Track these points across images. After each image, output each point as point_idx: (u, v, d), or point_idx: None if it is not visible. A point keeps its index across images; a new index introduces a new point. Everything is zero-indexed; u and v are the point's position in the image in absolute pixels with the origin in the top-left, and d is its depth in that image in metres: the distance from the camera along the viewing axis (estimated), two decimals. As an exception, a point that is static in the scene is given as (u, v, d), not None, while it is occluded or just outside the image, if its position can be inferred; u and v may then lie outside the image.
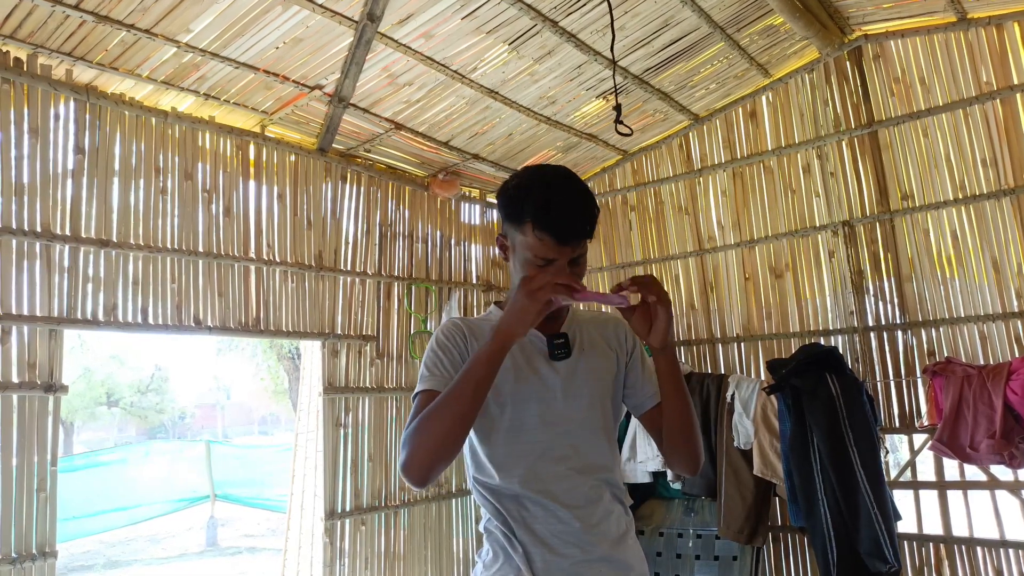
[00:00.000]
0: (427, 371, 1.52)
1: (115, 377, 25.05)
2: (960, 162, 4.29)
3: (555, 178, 1.48)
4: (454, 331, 1.56)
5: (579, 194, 1.46)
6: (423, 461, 1.38)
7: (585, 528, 1.49)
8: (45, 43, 3.23)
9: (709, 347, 5.12)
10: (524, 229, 1.46)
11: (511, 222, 1.50)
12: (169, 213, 3.75)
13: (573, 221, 1.43)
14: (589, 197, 1.48)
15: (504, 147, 5.05)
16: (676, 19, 4.13)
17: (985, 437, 3.78)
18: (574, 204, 1.45)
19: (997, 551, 4.03)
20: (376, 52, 3.81)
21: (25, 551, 3.09)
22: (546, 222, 1.42)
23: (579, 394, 1.55)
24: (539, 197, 1.44)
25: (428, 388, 1.48)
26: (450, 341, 1.54)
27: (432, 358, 1.53)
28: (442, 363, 1.51)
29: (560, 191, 1.45)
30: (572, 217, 1.43)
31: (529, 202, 1.44)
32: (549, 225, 1.42)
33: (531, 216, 1.43)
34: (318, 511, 4.37)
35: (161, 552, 10.62)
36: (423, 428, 1.39)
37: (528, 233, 1.45)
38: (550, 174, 1.50)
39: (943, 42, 4.35)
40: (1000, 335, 4.09)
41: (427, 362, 1.54)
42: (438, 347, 1.54)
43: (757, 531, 4.36)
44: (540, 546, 1.48)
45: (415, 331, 4.92)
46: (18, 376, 3.16)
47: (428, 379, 1.50)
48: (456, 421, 1.38)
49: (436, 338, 1.56)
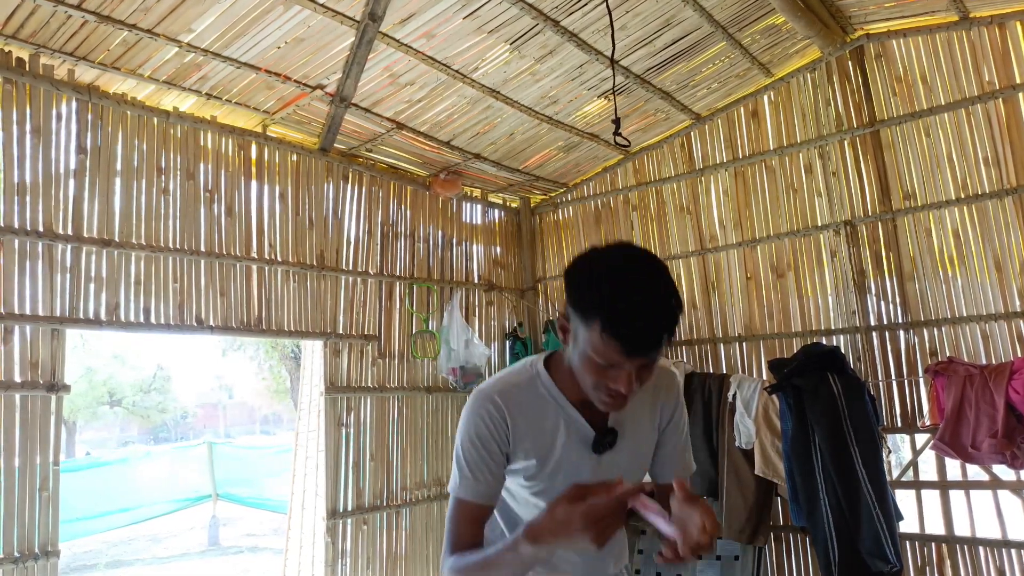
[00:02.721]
0: (468, 471, 1.42)
1: (117, 377, 25.10)
2: (962, 161, 4.29)
3: (634, 275, 1.26)
4: (494, 416, 1.42)
5: (659, 300, 1.25)
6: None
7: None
8: (47, 43, 3.23)
9: (711, 346, 5.11)
10: (592, 326, 1.25)
11: (577, 312, 1.29)
12: (171, 213, 3.76)
13: (648, 333, 1.24)
14: (669, 302, 1.26)
15: (506, 147, 5.05)
16: (677, 18, 4.12)
17: (987, 437, 3.78)
18: (651, 312, 1.24)
19: (999, 551, 4.02)
20: (378, 52, 3.81)
21: (28, 550, 3.10)
22: (617, 328, 1.22)
23: (616, 470, 1.47)
24: (612, 297, 1.23)
25: (468, 499, 1.42)
26: (490, 432, 1.41)
27: (472, 455, 1.42)
28: (484, 464, 1.41)
29: (637, 293, 1.23)
30: (647, 328, 1.23)
31: (603, 304, 1.23)
32: (619, 332, 1.22)
33: (599, 317, 1.23)
34: (320, 511, 4.37)
35: (163, 551, 10.64)
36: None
37: (594, 331, 1.25)
38: (629, 273, 1.26)
39: (945, 41, 4.35)
40: (1002, 334, 4.08)
41: (466, 457, 1.42)
42: (478, 440, 1.42)
43: (759, 531, 4.36)
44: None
45: (417, 331, 4.92)
46: (20, 375, 3.17)
47: (469, 486, 1.42)
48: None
49: (475, 425, 1.42)
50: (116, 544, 11.12)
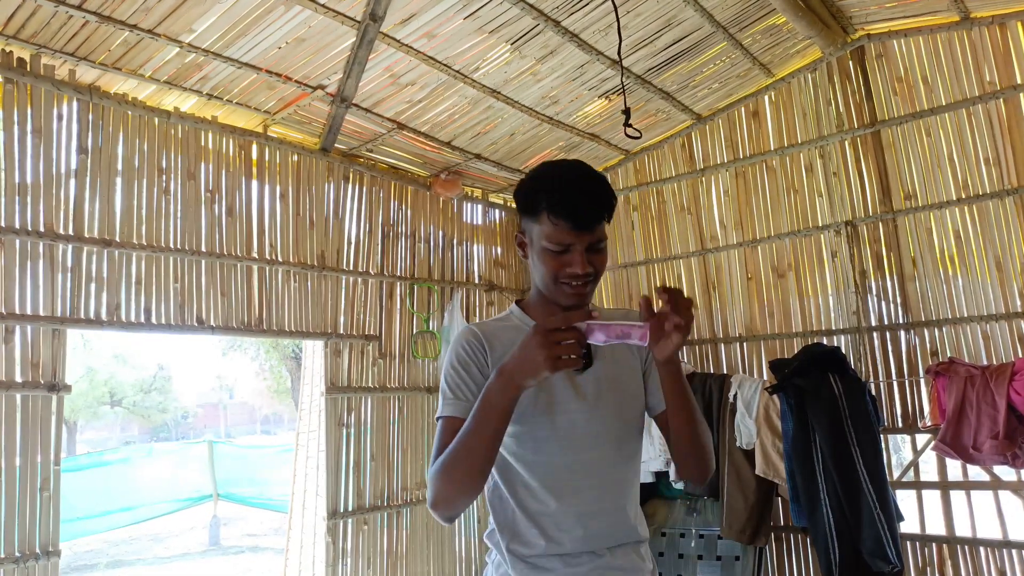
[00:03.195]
0: (450, 392, 1.50)
1: (118, 376, 25.13)
2: (963, 161, 4.28)
3: (568, 166, 1.50)
4: (473, 344, 1.53)
5: (593, 179, 1.46)
6: (448, 502, 1.42)
7: (599, 540, 1.51)
8: (48, 43, 3.24)
9: (712, 347, 5.11)
10: (540, 218, 1.45)
11: (527, 215, 1.50)
12: (172, 213, 3.76)
13: (588, 203, 1.43)
14: (603, 182, 1.48)
15: (506, 147, 5.05)
16: (679, 19, 4.12)
17: (988, 437, 3.78)
18: (588, 188, 1.45)
19: (1000, 552, 4.02)
20: (378, 52, 3.81)
21: (28, 550, 3.10)
22: (561, 207, 1.42)
23: (603, 404, 1.53)
24: (553, 184, 1.44)
25: (452, 415, 1.47)
26: (470, 356, 1.51)
27: (453, 378, 1.51)
28: (464, 384, 1.49)
29: (574, 177, 1.46)
30: (587, 200, 1.43)
31: (543, 191, 1.45)
32: (564, 209, 1.42)
33: (546, 203, 1.43)
34: (320, 511, 4.37)
35: (164, 551, 10.64)
36: (445, 473, 1.40)
37: (544, 221, 1.44)
38: (563, 164, 1.51)
39: (946, 41, 4.35)
40: (1003, 335, 4.08)
41: (448, 381, 1.51)
42: (459, 364, 1.51)
43: (759, 531, 4.36)
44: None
45: (417, 331, 4.92)
46: (21, 375, 3.17)
47: (451, 404, 1.49)
48: (475, 469, 1.40)
49: (455, 353, 1.53)
50: (117, 544, 11.13)
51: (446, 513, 1.43)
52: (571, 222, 1.42)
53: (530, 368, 1.32)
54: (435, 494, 1.41)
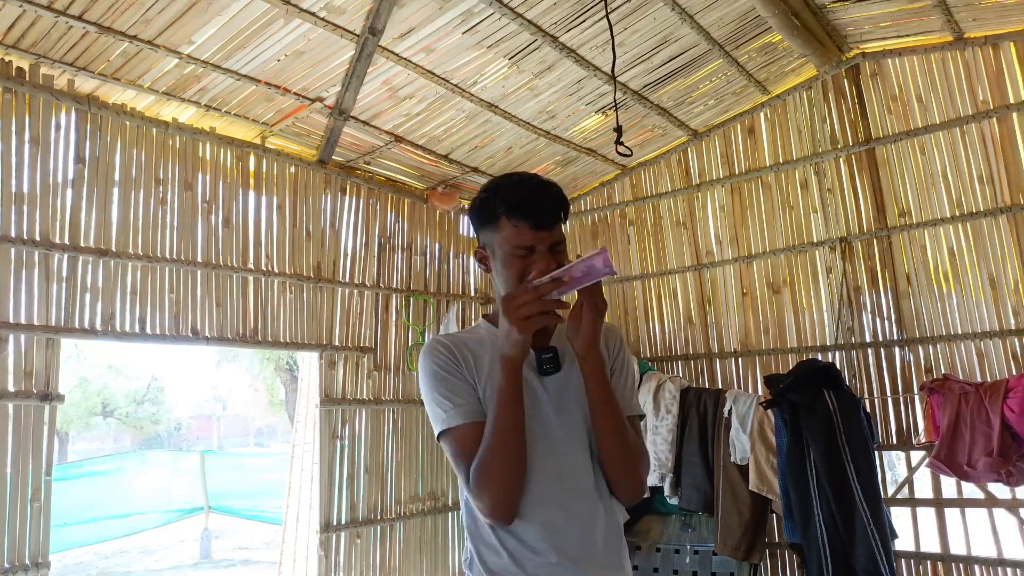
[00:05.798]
0: (447, 402, 1.49)
1: (111, 387, 24.96)
2: (957, 179, 4.32)
3: (519, 175, 1.54)
4: (442, 355, 1.53)
5: (545, 183, 1.51)
6: (504, 502, 1.43)
7: (579, 545, 1.47)
8: (48, 53, 3.25)
9: (707, 362, 5.12)
10: (500, 224, 1.49)
11: (487, 225, 1.52)
12: (168, 223, 3.76)
13: (544, 203, 1.48)
14: (556, 185, 1.53)
15: (503, 160, 5.07)
16: (675, 36, 4.16)
17: (983, 455, 3.78)
18: (542, 189, 1.49)
19: (995, 570, 4.02)
20: (377, 65, 3.83)
21: (18, 561, 3.07)
22: (519, 208, 1.46)
23: (570, 409, 1.52)
24: (508, 190, 1.49)
25: (460, 423, 1.47)
26: (445, 368, 1.52)
27: (441, 391, 1.50)
28: (456, 392, 1.50)
29: (527, 180, 1.51)
30: (542, 200, 1.48)
31: (500, 197, 1.49)
32: (521, 210, 1.46)
33: (504, 208, 1.47)
34: (313, 524, 4.35)
35: (155, 564, 10.54)
36: (487, 476, 1.42)
37: (504, 226, 1.48)
38: (514, 174, 1.56)
39: (940, 61, 4.39)
40: (997, 352, 4.10)
41: (437, 397, 1.50)
42: (439, 380, 1.51)
43: (754, 547, 4.34)
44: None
45: (413, 343, 4.91)
46: (14, 385, 3.15)
47: (454, 411, 1.48)
48: (512, 461, 1.42)
49: (430, 371, 1.52)
50: (107, 556, 11.02)
51: (507, 515, 1.44)
52: (530, 221, 1.45)
53: (508, 339, 1.38)
54: (488, 502, 1.42)
